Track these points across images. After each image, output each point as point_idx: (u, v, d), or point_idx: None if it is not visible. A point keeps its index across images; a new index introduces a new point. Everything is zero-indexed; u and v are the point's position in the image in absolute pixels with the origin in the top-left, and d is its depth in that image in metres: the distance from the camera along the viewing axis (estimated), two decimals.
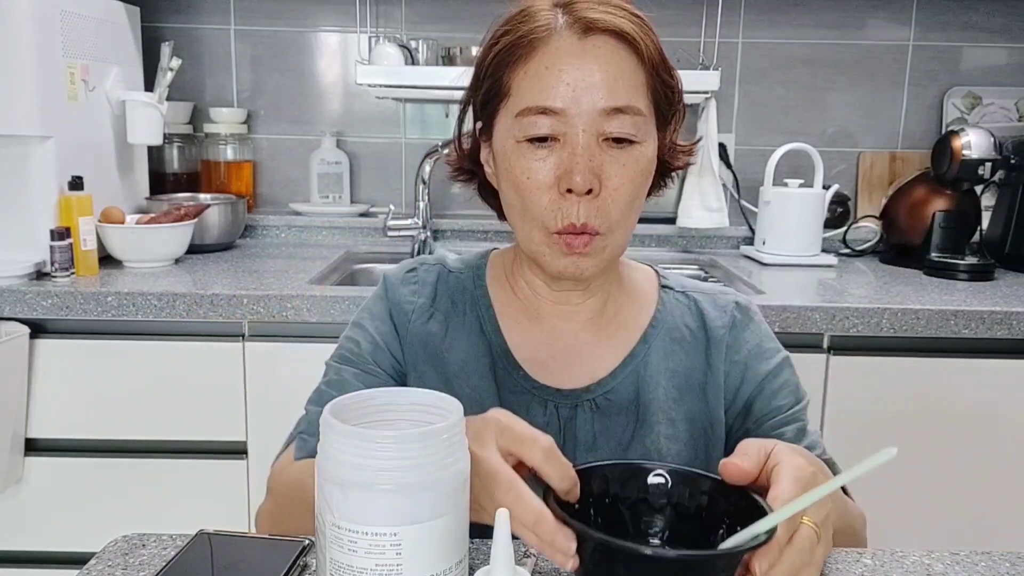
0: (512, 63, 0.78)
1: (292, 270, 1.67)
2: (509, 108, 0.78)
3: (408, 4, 2.06)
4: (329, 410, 0.55)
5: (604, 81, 0.75)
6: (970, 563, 0.70)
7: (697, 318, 0.88)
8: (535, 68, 0.77)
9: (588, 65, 0.75)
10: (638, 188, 0.78)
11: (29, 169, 1.52)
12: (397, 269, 0.92)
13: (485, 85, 0.81)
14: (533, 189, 0.77)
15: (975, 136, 1.80)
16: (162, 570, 0.64)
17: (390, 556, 0.52)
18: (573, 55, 0.76)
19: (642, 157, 0.78)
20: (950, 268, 1.75)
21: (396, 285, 0.90)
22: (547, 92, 0.75)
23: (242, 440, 1.48)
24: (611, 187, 0.76)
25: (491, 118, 0.82)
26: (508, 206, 0.82)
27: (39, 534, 1.51)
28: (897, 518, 1.50)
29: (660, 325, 0.87)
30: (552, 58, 0.76)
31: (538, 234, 0.78)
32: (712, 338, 0.87)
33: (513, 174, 0.78)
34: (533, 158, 0.76)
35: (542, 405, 0.84)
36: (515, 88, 0.78)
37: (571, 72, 0.75)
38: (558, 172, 0.76)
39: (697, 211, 1.99)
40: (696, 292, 0.91)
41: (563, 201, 0.76)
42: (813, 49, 2.08)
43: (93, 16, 1.66)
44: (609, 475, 0.62)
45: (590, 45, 0.76)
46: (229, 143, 2.06)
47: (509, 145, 0.78)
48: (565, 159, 0.75)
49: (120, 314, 1.43)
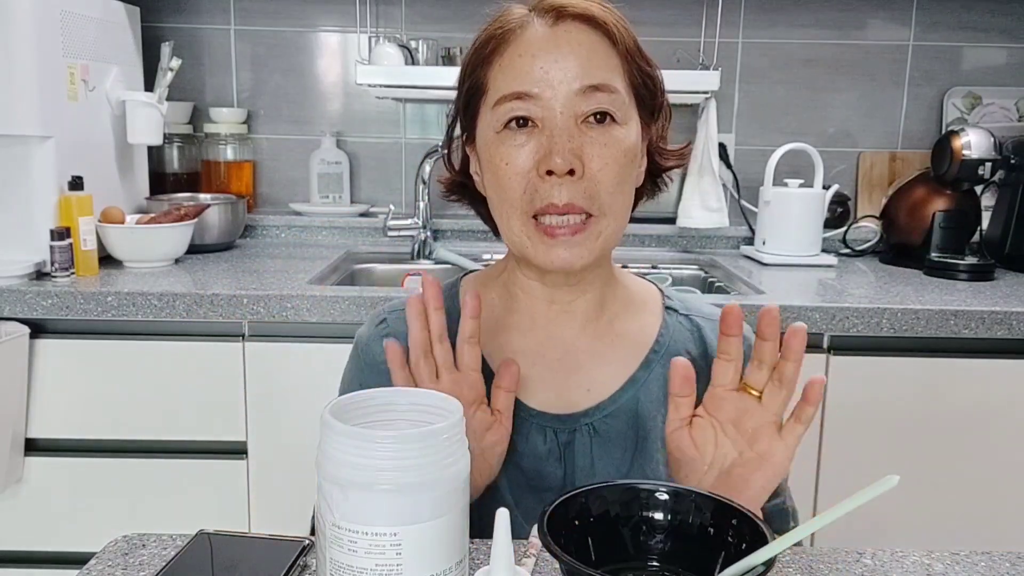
0: (487, 58, 0.78)
1: (292, 270, 1.67)
2: (488, 102, 0.78)
3: (408, 4, 2.06)
4: (329, 410, 0.55)
5: (577, 62, 0.75)
6: (970, 563, 0.70)
7: (699, 345, 0.87)
8: (509, 59, 0.77)
9: (561, 49, 0.75)
10: (623, 170, 0.77)
11: (29, 169, 1.52)
12: (367, 326, 0.89)
13: (465, 87, 0.81)
14: (512, 175, 0.76)
15: (975, 136, 1.80)
16: (162, 570, 0.64)
17: (390, 556, 0.52)
18: (545, 41, 0.76)
19: (625, 138, 0.77)
20: (950, 268, 1.75)
21: (368, 344, 0.87)
22: (521, 78, 0.75)
23: (242, 440, 1.48)
24: (594, 168, 0.75)
25: (473, 119, 0.81)
26: (491, 204, 0.81)
27: (39, 534, 1.51)
28: (897, 518, 1.50)
29: (662, 350, 0.86)
30: (524, 47, 0.76)
31: (517, 223, 0.77)
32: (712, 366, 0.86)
33: (493, 163, 0.77)
34: (512, 144, 0.76)
35: (541, 432, 0.83)
36: (491, 81, 0.78)
37: (543, 57, 0.75)
38: (537, 156, 0.75)
39: (697, 211, 1.99)
40: (700, 317, 0.89)
41: (541, 183, 0.74)
42: (813, 49, 2.08)
43: (93, 16, 1.66)
44: (608, 496, 0.62)
45: (561, 31, 0.76)
46: (229, 143, 2.06)
47: (489, 138, 0.78)
48: (544, 142, 0.75)
49: (120, 314, 1.43)
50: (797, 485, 0.90)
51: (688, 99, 1.96)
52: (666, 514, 0.62)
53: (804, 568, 0.69)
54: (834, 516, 0.54)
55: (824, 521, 0.54)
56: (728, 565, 0.56)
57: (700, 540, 0.61)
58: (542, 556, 0.67)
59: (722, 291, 1.76)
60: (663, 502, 0.62)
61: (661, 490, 0.62)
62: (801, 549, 0.71)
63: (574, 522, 0.60)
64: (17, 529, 1.51)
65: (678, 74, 1.86)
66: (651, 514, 0.62)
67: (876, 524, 1.50)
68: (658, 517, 0.62)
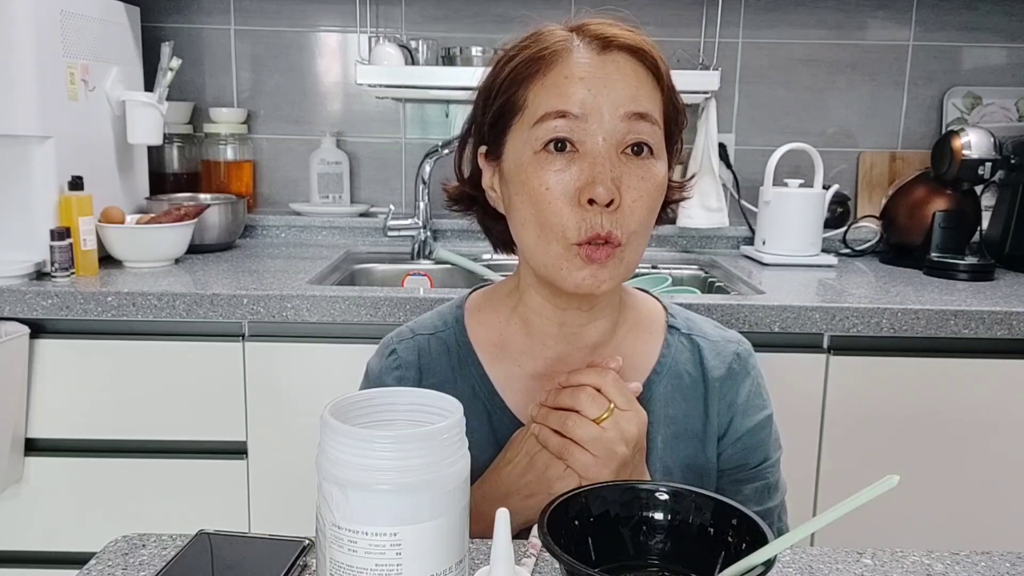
0: (528, 77, 0.77)
1: (292, 270, 1.67)
2: (525, 120, 0.77)
3: (408, 4, 2.06)
4: (329, 410, 0.55)
5: (627, 90, 0.75)
6: (970, 563, 0.70)
7: (698, 366, 0.87)
8: (554, 79, 0.76)
9: (611, 76, 0.75)
10: (654, 203, 0.78)
11: (29, 169, 1.52)
12: (377, 356, 0.89)
13: (497, 103, 0.79)
14: (552, 200, 0.75)
15: (975, 136, 1.80)
16: (162, 570, 0.64)
17: (390, 556, 0.52)
18: (594, 66, 0.75)
19: (658, 172, 0.77)
20: (950, 268, 1.75)
21: (379, 376, 0.87)
22: (566, 98, 0.74)
23: (242, 440, 1.48)
24: (628, 200, 0.75)
25: (502, 136, 0.80)
26: (522, 223, 0.79)
27: (39, 534, 1.51)
28: (897, 518, 1.50)
29: (664, 370, 0.86)
30: (572, 69, 0.75)
31: (557, 247, 0.76)
32: (710, 388, 0.86)
33: (530, 186, 0.76)
34: (551, 169, 0.75)
35: None
36: (532, 99, 0.77)
37: (592, 81, 0.75)
38: (578, 183, 0.74)
39: (697, 211, 1.99)
40: (701, 337, 0.89)
41: (585, 212, 0.74)
42: (813, 49, 2.08)
43: (93, 16, 1.66)
44: (608, 496, 0.62)
45: (610, 59, 0.76)
46: (229, 143, 2.06)
47: (526, 157, 0.77)
48: (586, 169, 0.74)
49: (120, 314, 1.43)
50: (797, 485, 0.90)
51: (688, 99, 1.96)
52: (666, 514, 0.62)
53: (804, 568, 0.69)
54: (834, 516, 0.54)
55: (824, 521, 0.54)
56: (728, 565, 0.56)
57: (700, 540, 0.61)
58: (542, 556, 0.67)
59: (722, 291, 1.76)
60: (663, 502, 0.62)
61: (661, 490, 0.63)
62: (801, 549, 0.71)
63: (574, 522, 0.60)
64: (17, 529, 1.51)
65: (678, 74, 1.84)
66: (651, 514, 0.62)
67: (876, 524, 1.50)
68: (658, 517, 0.62)
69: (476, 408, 0.84)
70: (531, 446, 0.76)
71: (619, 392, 0.73)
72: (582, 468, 0.72)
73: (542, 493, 0.74)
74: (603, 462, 0.72)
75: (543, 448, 0.75)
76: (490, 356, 0.86)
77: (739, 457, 0.86)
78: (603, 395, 0.73)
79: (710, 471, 0.86)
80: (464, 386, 0.85)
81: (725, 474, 0.87)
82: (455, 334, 0.88)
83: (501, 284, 0.92)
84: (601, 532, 0.62)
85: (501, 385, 0.85)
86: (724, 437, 0.86)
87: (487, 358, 0.86)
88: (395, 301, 1.43)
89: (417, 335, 0.89)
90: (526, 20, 0.82)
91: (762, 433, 0.88)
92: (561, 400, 0.74)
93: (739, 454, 0.86)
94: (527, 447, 0.77)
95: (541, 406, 0.76)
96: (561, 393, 0.74)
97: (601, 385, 0.73)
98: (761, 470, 0.87)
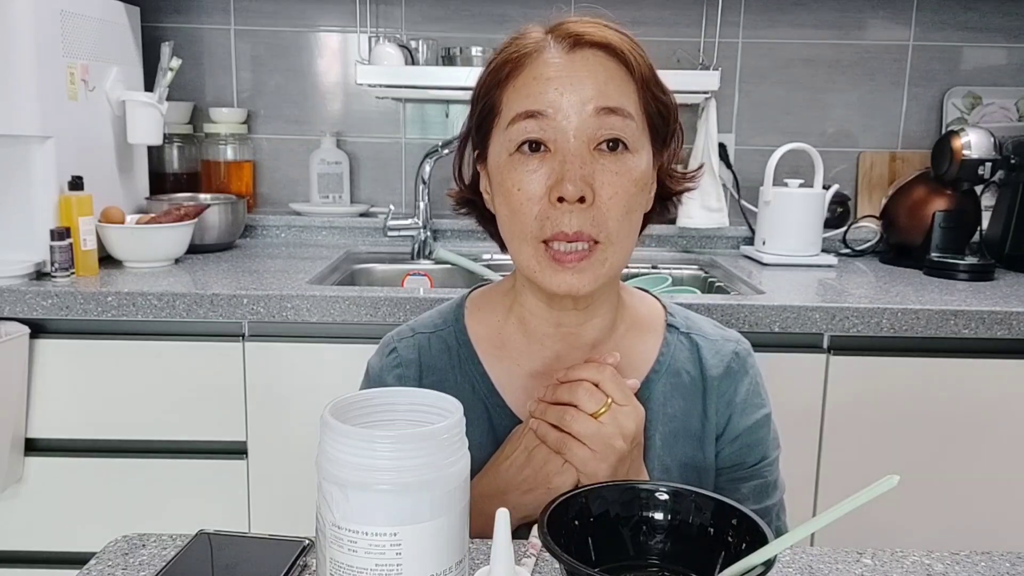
0: (502, 81, 0.78)
1: (292, 270, 1.67)
2: (501, 123, 0.78)
3: (408, 4, 2.06)
4: (329, 410, 0.55)
5: (594, 86, 0.75)
6: (970, 563, 0.70)
7: (696, 365, 0.87)
8: (524, 80, 0.77)
9: (577, 73, 0.75)
10: (632, 199, 0.77)
11: (29, 169, 1.52)
12: (377, 355, 0.90)
13: (479, 107, 0.81)
14: (524, 200, 0.76)
15: (975, 136, 1.80)
16: (162, 570, 0.64)
17: (390, 556, 0.52)
18: (562, 66, 0.76)
19: (635, 167, 0.77)
20: (950, 268, 1.75)
21: (380, 375, 0.88)
22: (535, 98, 0.75)
23: (242, 440, 1.48)
24: (604, 196, 0.75)
25: (486, 139, 0.81)
26: (502, 226, 0.81)
27: (39, 534, 1.51)
28: (897, 518, 1.50)
29: (662, 369, 0.86)
30: (540, 69, 0.76)
31: (528, 248, 0.77)
32: (708, 387, 0.86)
33: (505, 187, 0.77)
34: (524, 169, 0.76)
35: None
36: (505, 102, 0.78)
37: (559, 80, 0.75)
38: (549, 182, 0.75)
39: (697, 211, 1.99)
40: (700, 336, 0.89)
41: (552, 210, 0.75)
42: (813, 49, 2.08)
43: (93, 16, 1.66)
44: (608, 496, 0.62)
45: (578, 57, 0.76)
46: (229, 143, 2.06)
47: (502, 160, 0.78)
48: (556, 168, 0.75)
49: (120, 314, 1.43)
50: (797, 485, 0.90)
51: (688, 99, 1.96)
52: (666, 514, 0.62)
53: (804, 568, 0.69)
54: (834, 516, 0.54)
55: (824, 521, 0.54)
56: (728, 565, 0.56)
57: (700, 540, 0.61)
58: (542, 556, 0.67)
59: (722, 291, 1.76)
60: (663, 502, 0.62)
61: (661, 490, 0.63)
62: (801, 549, 0.71)
63: (574, 522, 0.60)
64: (17, 529, 1.51)
65: (678, 74, 1.87)
66: (651, 514, 0.62)
67: (876, 524, 1.50)
68: (658, 517, 0.62)
69: (475, 406, 0.84)
70: (529, 441, 0.76)
71: (617, 387, 0.73)
72: (580, 463, 0.72)
73: (540, 488, 0.75)
74: (601, 456, 0.72)
75: (541, 443, 0.75)
76: (489, 355, 0.87)
77: (737, 455, 0.87)
78: (601, 390, 0.73)
79: (708, 470, 0.86)
80: (464, 384, 0.85)
81: (723, 472, 0.87)
82: (455, 332, 0.88)
83: (499, 284, 0.92)
84: (601, 532, 0.62)
85: (500, 384, 0.85)
86: (722, 436, 0.86)
87: (487, 357, 0.86)
88: (395, 301, 1.43)
89: (417, 333, 0.89)
90: (526, 20, 0.83)
91: (760, 432, 0.88)
92: (559, 395, 0.74)
93: (737, 453, 0.86)
94: (525, 442, 0.77)
95: (539, 401, 0.76)
96: (559, 388, 0.74)
97: (599, 380, 0.73)
98: (759, 468, 0.87)
